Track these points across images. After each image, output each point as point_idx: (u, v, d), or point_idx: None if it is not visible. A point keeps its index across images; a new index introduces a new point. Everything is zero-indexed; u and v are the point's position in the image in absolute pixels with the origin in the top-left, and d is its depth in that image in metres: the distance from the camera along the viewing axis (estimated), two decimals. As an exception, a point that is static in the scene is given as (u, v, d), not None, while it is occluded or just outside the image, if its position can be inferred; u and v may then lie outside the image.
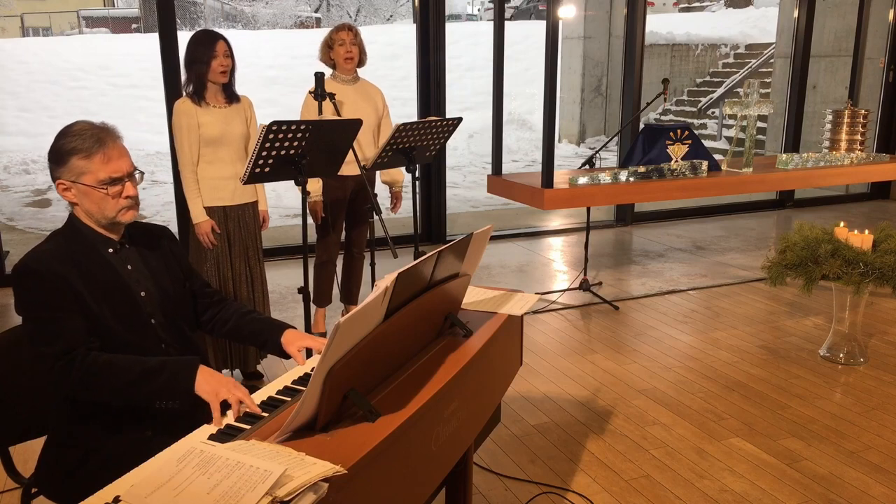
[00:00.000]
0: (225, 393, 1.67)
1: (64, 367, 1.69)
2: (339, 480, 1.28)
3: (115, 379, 1.70)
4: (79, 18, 23.72)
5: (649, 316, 4.55)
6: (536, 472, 2.81)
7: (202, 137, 3.24)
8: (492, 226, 2.18)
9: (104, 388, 1.70)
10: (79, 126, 1.81)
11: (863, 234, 3.62)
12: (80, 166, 1.78)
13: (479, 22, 24.06)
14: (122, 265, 1.88)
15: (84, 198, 1.81)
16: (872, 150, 7.46)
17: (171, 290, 1.95)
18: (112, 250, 1.87)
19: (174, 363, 1.75)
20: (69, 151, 1.78)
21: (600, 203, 4.67)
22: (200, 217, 3.26)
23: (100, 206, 1.81)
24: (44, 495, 1.84)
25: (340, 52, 3.83)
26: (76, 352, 1.71)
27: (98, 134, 1.80)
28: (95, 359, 1.71)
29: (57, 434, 1.84)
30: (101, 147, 1.78)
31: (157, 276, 1.93)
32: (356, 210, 4.06)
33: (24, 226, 7.72)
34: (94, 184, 1.78)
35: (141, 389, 1.71)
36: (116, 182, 1.80)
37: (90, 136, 1.79)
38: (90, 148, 1.77)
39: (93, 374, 1.69)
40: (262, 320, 2.06)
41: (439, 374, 1.73)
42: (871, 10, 7.72)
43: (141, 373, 1.71)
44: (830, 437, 3.07)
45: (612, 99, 13.80)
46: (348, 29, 3.87)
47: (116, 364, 1.72)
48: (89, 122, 1.83)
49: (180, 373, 1.72)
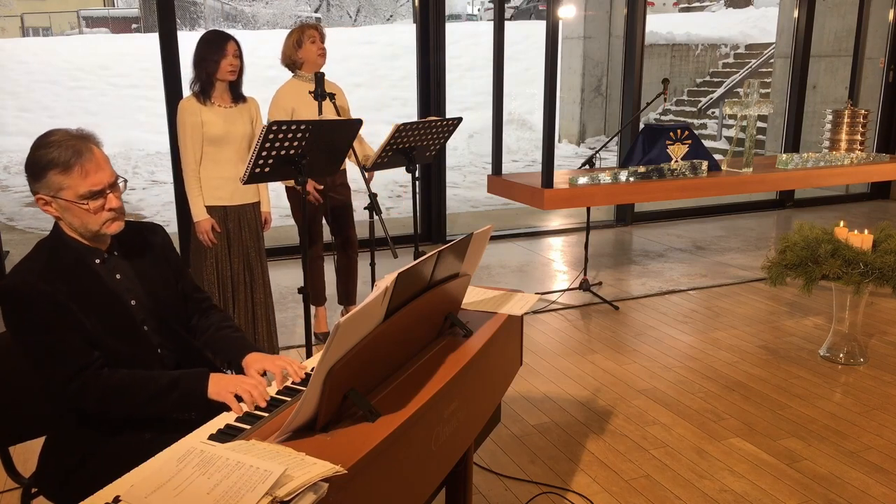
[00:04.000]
0: (234, 388, 1.70)
1: (78, 390, 1.70)
2: (339, 480, 1.28)
3: (130, 400, 1.72)
4: (79, 18, 23.72)
5: (649, 316, 4.55)
6: (536, 472, 2.81)
7: (205, 136, 3.25)
8: (492, 226, 2.18)
9: (120, 408, 1.73)
10: (55, 136, 1.73)
11: (863, 234, 3.62)
12: (58, 181, 1.71)
13: (479, 22, 24.06)
14: (111, 275, 1.84)
15: (66, 212, 1.75)
16: (872, 150, 7.46)
17: (162, 293, 1.92)
18: (99, 261, 1.83)
19: (186, 378, 1.76)
20: (45, 165, 1.71)
21: (600, 203, 4.67)
22: (201, 215, 3.27)
23: (82, 220, 1.75)
24: (44, 495, 1.84)
25: (313, 49, 3.79)
26: (86, 371, 1.70)
27: (75, 145, 1.72)
28: (108, 379, 1.71)
29: (57, 434, 1.84)
30: (79, 159, 1.71)
31: (147, 281, 1.90)
32: (339, 211, 4.03)
33: (24, 226, 7.72)
34: (73, 199, 1.72)
35: (156, 407, 1.74)
36: (97, 196, 1.74)
37: (66, 146, 1.71)
38: (67, 161, 1.70)
39: (107, 395, 1.71)
40: (233, 339, 2.00)
41: (439, 374, 1.73)
42: (871, 10, 7.72)
43: (155, 392, 1.73)
44: (830, 437, 3.07)
45: (612, 99, 13.80)
46: (317, 27, 3.86)
47: (130, 385, 1.72)
48: (66, 131, 1.76)
49: (192, 387, 1.74)
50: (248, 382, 1.71)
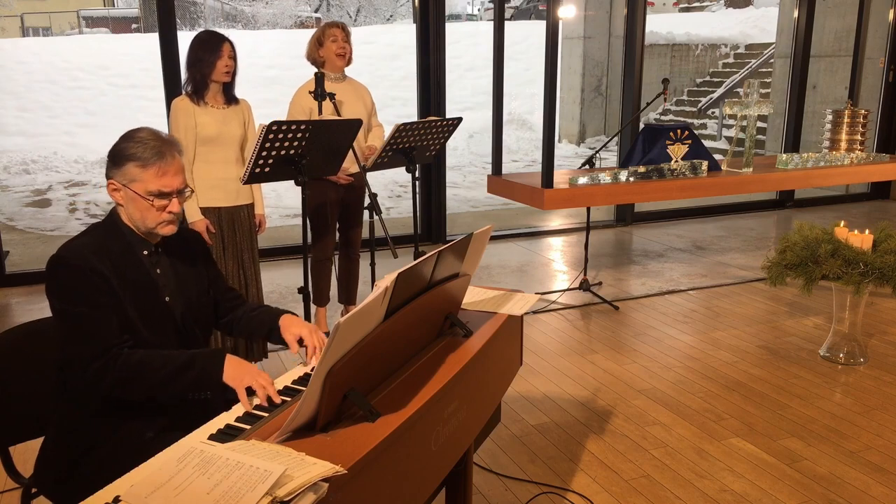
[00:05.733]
0: (249, 380, 1.72)
1: (100, 370, 1.72)
2: (339, 480, 1.28)
3: (148, 378, 1.75)
4: (79, 18, 23.70)
5: (649, 316, 4.55)
6: (536, 472, 2.81)
7: (199, 136, 3.24)
8: (492, 226, 2.18)
9: (137, 388, 1.75)
10: (143, 133, 1.85)
11: (863, 234, 3.62)
12: (135, 173, 1.82)
13: (479, 22, 24.04)
14: (153, 268, 1.92)
15: (130, 202, 1.85)
16: (872, 150, 7.46)
17: (193, 298, 1.98)
18: (147, 252, 1.91)
19: (202, 357, 1.79)
20: (128, 157, 1.81)
21: (600, 203, 4.67)
22: (196, 216, 3.26)
23: (143, 214, 1.85)
24: (44, 495, 1.84)
25: (333, 47, 3.81)
26: (111, 352, 1.74)
27: (160, 147, 1.83)
28: (128, 359, 1.74)
29: (57, 434, 1.84)
30: (160, 160, 1.82)
31: (183, 283, 1.97)
32: (350, 211, 4.05)
33: (24, 226, 7.72)
34: (142, 193, 1.82)
35: (174, 386, 1.76)
36: (164, 196, 1.84)
37: (152, 147, 1.82)
38: (149, 158, 1.81)
39: (127, 375, 1.73)
40: (268, 311, 2.09)
41: (439, 374, 1.73)
42: (871, 10, 7.72)
43: (173, 370, 1.76)
44: (830, 437, 3.07)
45: (612, 99, 13.80)
46: (341, 27, 3.87)
47: (148, 363, 1.75)
48: (155, 132, 1.86)
49: (209, 365, 1.77)
50: (264, 378, 1.73)
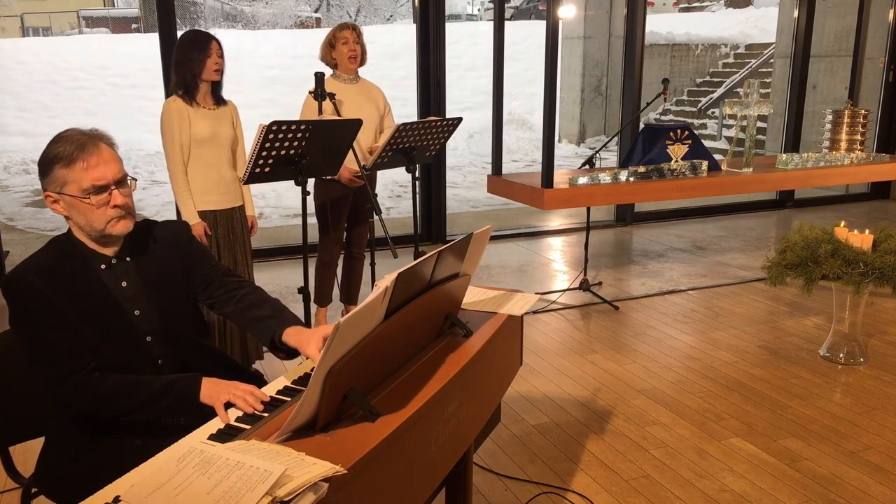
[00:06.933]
0: (225, 396, 1.67)
1: (68, 393, 1.68)
2: (339, 480, 1.28)
3: (121, 404, 1.71)
4: (79, 18, 23.70)
5: (649, 316, 4.55)
6: (536, 472, 2.81)
7: (193, 138, 3.21)
8: (492, 226, 2.18)
9: (110, 411, 1.72)
10: (65, 133, 1.72)
11: (863, 234, 3.62)
12: (63, 175, 1.68)
13: (479, 22, 24.04)
14: (116, 282, 1.80)
15: (72, 210, 1.71)
16: (872, 150, 7.46)
17: (169, 303, 1.87)
18: (104, 266, 1.79)
19: (178, 383, 1.73)
20: (52, 159, 1.69)
21: (600, 203, 4.67)
22: (194, 219, 3.23)
23: (87, 217, 1.71)
24: (44, 495, 1.84)
25: (344, 50, 3.82)
26: (77, 375, 1.69)
27: (81, 140, 1.69)
28: (100, 384, 1.69)
29: (56, 434, 1.84)
30: (82, 152, 1.67)
31: (156, 289, 1.85)
32: (357, 210, 4.06)
33: (24, 226, 7.72)
34: (77, 193, 1.68)
35: (148, 411, 1.72)
36: (101, 190, 1.69)
37: (73, 142, 1.69)
38: (70, 154, 1.67)
39: (98, 400, 1.70)
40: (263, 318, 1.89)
41: (439, 374, 1.73)
42: (871, 10, 7.72)
43: (147, 397, 1.71)
44: (830, 437, 3.06)
45: (612, 99, 13.80)
46: (352, 28, 3.86)
47: (122, 390, 1.71)
48: (78, 129, 1.74)
49: (184, 392, 1.72)
50: (241, 388, 1.67)
